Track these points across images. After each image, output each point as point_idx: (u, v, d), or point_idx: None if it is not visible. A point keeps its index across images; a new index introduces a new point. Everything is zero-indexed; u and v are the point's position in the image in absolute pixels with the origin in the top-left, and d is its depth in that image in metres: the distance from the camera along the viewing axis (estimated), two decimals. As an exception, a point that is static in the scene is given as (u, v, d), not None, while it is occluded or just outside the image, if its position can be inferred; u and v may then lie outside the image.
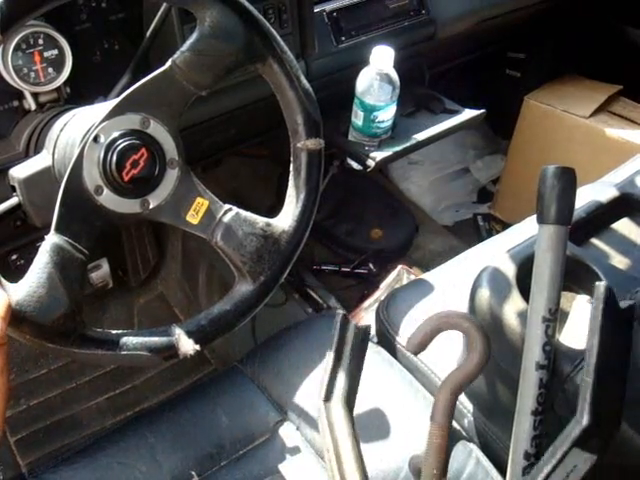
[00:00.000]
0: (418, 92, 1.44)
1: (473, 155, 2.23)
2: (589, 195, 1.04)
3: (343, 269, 1.81)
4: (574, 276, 0.91)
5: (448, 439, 0.79)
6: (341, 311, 0.82)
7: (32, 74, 0.91)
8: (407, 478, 0.91)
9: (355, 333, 0.80)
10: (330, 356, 0.80)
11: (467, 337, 0.81)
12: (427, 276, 1.22)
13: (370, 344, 1.10)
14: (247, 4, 0.77)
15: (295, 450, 0.99)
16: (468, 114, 1.39)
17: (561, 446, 0.70)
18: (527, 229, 1.03)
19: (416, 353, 0.86)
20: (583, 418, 0.69)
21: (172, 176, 0.76)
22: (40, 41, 0.91)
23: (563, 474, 0.70)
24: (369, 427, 0.93)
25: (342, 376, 0.80)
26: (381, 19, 1.30)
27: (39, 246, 0.70)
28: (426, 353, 1.01)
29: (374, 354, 1.09)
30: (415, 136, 1.31)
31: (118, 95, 0.76)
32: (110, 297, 1.75)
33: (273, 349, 1.11)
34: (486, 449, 0.94)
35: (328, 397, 0.79)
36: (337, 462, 0.77)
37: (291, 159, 0.86)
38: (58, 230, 0.70)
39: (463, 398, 1.01)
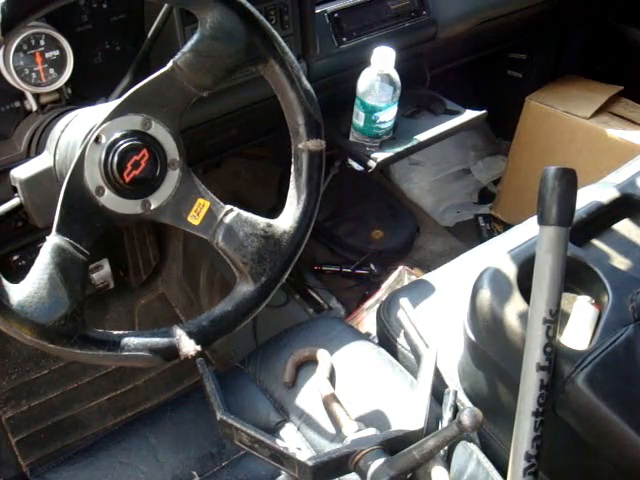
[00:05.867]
0: (419, 93, 1.44)
1: (474, 156, 2.23)
2: (590, 196, 1.04)
3: (344, 270, 1.81)
4: (575, 277, 0.91)
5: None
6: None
7: (33, 75, 0.91)
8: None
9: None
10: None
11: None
12: (428, 277, 1.22)
13: (371, 344, 1.11)
14: (248, 5, 0.77)
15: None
16: (469, 115, 1.39)
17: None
18: (528, 230, 1.03)
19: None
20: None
21: (173, 177, 0.77)
22: (41, 42, 0.91)
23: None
24: (369, 427, 0.93)
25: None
26: (382, 20, 1.30)
27: (40, 247, 0.70)
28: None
29: (375, 354, 1.09)
30: (416, 137, 1.31)
31: (119, 96, 0.76)
32: (111, 298, 1.75)
33: (274, 350, 1.11)
34: (487, 450, 0.94)
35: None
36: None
37: (292, 160, 0.86)
38: (59, 231, 0.70)
39: (464, 399, 1.01)
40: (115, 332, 0.74)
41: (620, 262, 0.97)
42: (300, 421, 1.02)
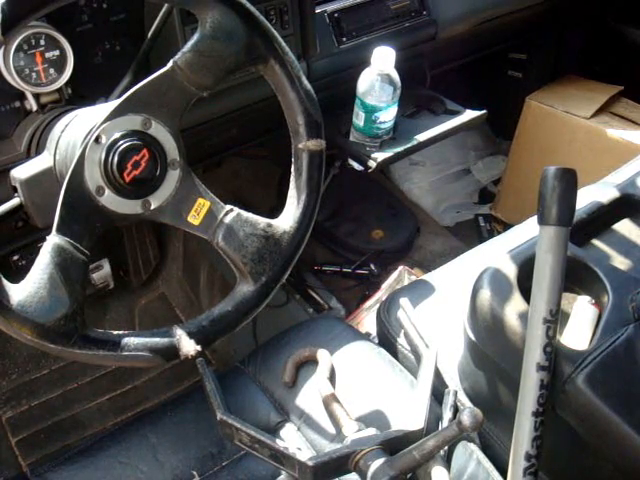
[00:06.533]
0: (419, 93, 1.44)
1: (474, 156, 2.23)
2: (590, 196, 1.04)
3: (344, 270, 1.80)
4: (575, 277, 0.91)
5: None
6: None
7: (34, 75, 0.91)
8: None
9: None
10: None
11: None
12: (428, 277, 1.22)
13: (371, 344, 1.11)
14: (248, 5, 0.77)
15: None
16: (469, 115, 1.39)
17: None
18: (528, 230, 1.03)
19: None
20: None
21: (173, 177, 0.77)
22: (42, 42, 0.91)
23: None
24: (369, 426, 0.93)
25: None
26: (382, 20, 1.30)
27: (40, 247, 0.70)
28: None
29: (375, 354, 1.09)
30: (416, 137, 1.31)
31: (119, 96, 0.76)
32: (111, 298, 1.75)
33: (274, 350, 1.11)
34: (487, 450, 0.94)
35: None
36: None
37: (292, 160, 0.86)
38: (59, 231, 0.70)
39: (464, 399, 1.01)
40: (115, 332, 0.74)
41: (620, 262, 0.97)
42: (300, 421, 1.03)
